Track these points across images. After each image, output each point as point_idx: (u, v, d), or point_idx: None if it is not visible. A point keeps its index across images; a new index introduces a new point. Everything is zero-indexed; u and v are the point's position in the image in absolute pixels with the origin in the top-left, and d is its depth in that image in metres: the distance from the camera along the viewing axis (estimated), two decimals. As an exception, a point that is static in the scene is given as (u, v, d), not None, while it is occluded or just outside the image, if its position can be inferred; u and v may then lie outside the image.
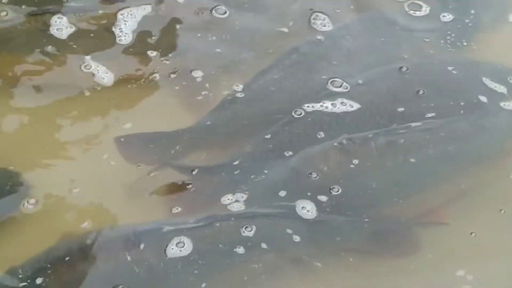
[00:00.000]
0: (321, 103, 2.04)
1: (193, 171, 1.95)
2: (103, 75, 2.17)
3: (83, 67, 2.18)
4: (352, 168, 1.89)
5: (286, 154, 1.95)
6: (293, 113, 2.03)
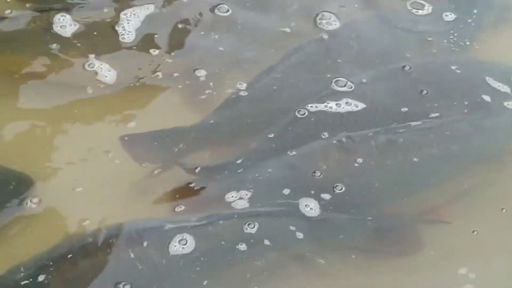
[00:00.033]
0: (325, 103, 2.05)
1: (196, 168, 1.95)
2: (106, 73, 2.17)
3: (87, 65, 2.18)
4: (352, 166, 1.89)
5: (289, 153, 1.94)
6: (297, 113, 2.03)
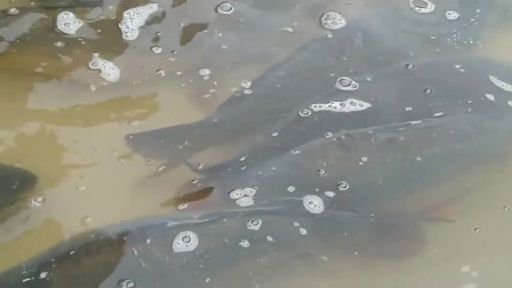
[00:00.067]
0: (330, 103, 2.05)
1: (200, 166, 1.96)
2: (110, 72, 2.17)
3: (91, 63, 2.18)
4: (355, 164, 1.90)
5: (293, 152, 1.94)
6: (300, 112, 2.03)
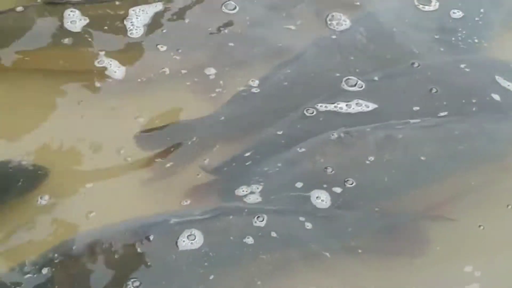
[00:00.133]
0: (336, 104, 2.05)
1: (207, 162, 1.97)
2: (115, 69, 2.18)
3: (96, 61, 2.18)
4: (361, 161, 1.90)
5: (299, 149, 1.95)
6: (306, 111, 2.04)
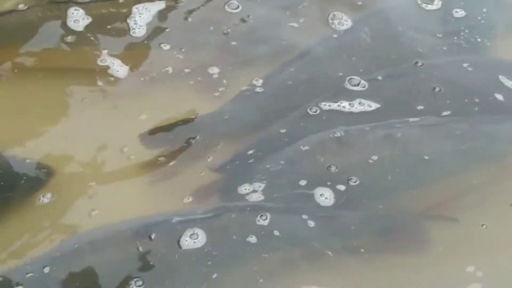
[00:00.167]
0: (339, 103, 2.05)
1: (209, 158, 1.98)
2: (118, 68, 2.18)
3: (99, 60, 2.19)
4: (364, 160, 1.91)
5: (302, 147, 1.95)
6: (309, 110, 2.04)
